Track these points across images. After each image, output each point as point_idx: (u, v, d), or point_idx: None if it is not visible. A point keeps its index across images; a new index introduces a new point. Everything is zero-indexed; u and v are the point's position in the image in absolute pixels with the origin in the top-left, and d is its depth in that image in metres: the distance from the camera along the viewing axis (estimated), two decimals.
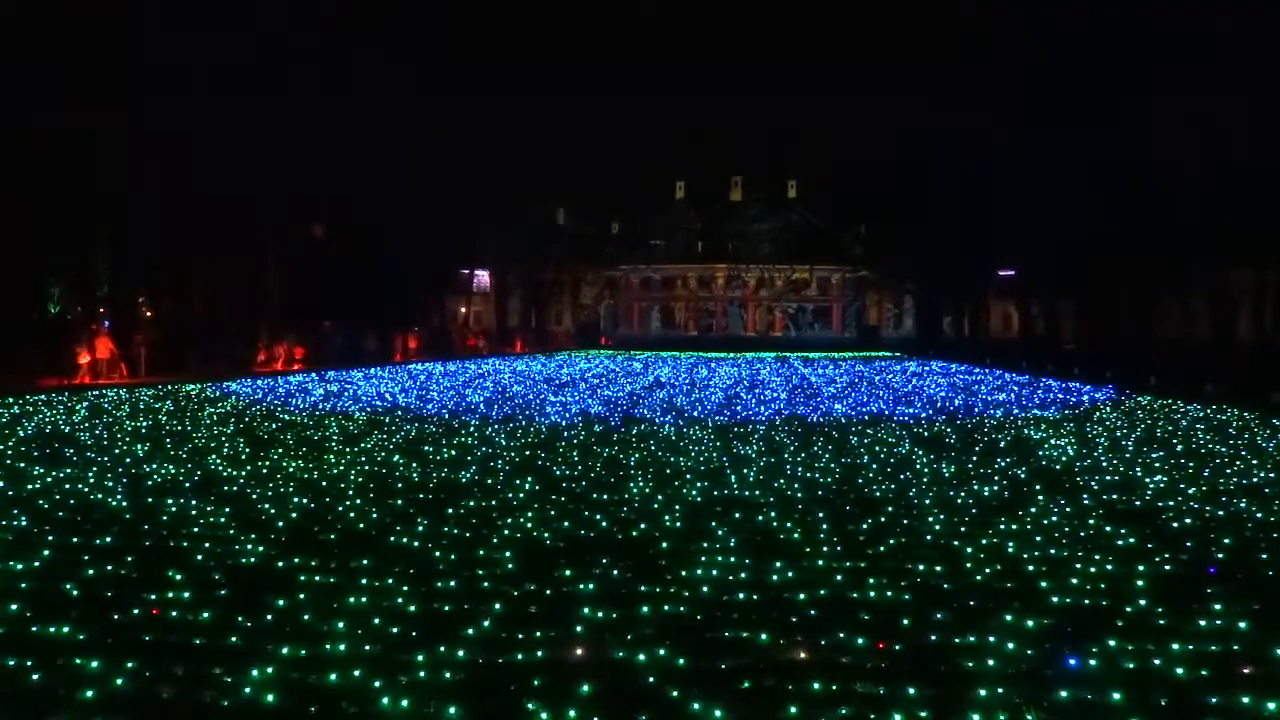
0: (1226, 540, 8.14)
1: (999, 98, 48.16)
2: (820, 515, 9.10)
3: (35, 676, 5.00)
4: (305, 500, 9.73)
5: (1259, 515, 9.21)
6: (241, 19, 38.56)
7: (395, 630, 5.75)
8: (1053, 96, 43.11)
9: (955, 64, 52.85)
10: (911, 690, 4.81)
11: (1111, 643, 5.54)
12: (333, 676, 5.00)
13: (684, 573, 7.07)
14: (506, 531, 8.38)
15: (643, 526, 8.64)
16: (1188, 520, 8.98)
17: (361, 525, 8.64)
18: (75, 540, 7.99)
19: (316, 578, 6.90)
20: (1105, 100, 40.79)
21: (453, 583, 6.76)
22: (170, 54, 36.53)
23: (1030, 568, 7.25)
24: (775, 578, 6.95)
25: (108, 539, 8.04)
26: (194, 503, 9.55)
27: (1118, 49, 40.22)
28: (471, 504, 9.60)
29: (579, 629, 5.80)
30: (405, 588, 6.61)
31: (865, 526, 8.65)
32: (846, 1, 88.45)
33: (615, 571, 7.08)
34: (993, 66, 48.85)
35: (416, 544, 7.90)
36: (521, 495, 10.09)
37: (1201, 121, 38.03)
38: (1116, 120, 40.25)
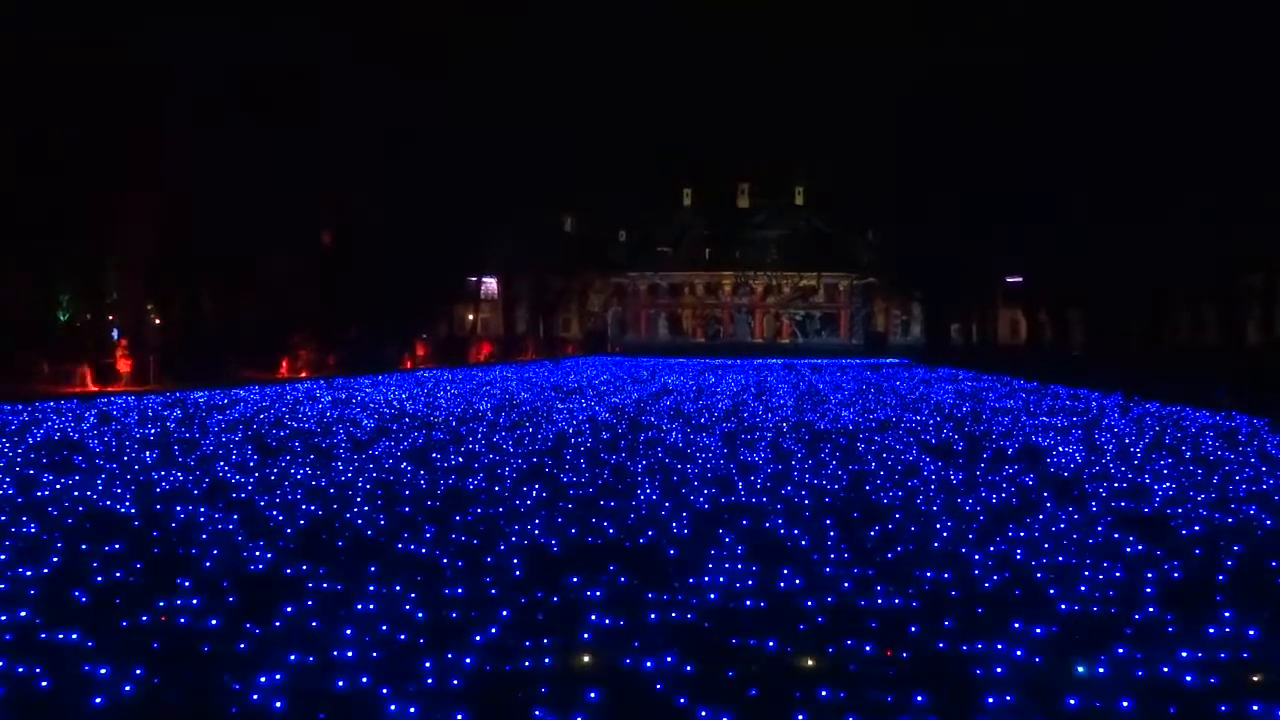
0: (1236, 547, 8.11)
1: (1002, 98, 48.04)
2: (828, 522, 9.09)
3: (44, 683, 5.02)
4: (313, 507, 9.76)
5: (1269, 522, 9.18)
6: (249, 26, 38.72)
7: (403, 637, 5.75)
8: (1057, 96, 43.02)
9: (958, 63, 52.73)
10: (920, 698, 4.80)
11: (1120, 650, 5.52)
12: (341, 683, 5.01)
13: (691, 580, 7.07)
14: (514, 539, 8.39)
15: (650, 533, 8.64)
16: (1197, 527, 8.95)
17: (370, 532, 8.66)
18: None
19: (325, 584, 6.91)
20: (1110, 99, 40.69)
21: (460, 589, 6.77)
22: (178, 60, 36.66)
23: (1039, 575, 7.24)
24: (783, 585, 6.95)
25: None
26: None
27: (1120, 47, 40.11)
28: (479, 511, 9.61)
29: (587, 636, 5.80)
30: (413, 594, 6.62)
31: (873, 534, 8.64)
32: (848, 3, 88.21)
33: (623, 579, 7.08)
34: (996, 66, 48.76)
35: (424, 551, 7.91)
36: (529, 502, 10.10)
37: (1209, 122, 37.90)
38: (1122, 120, 40.12)
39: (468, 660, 5.34)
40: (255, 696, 4.83)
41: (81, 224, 38.38)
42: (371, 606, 6.35)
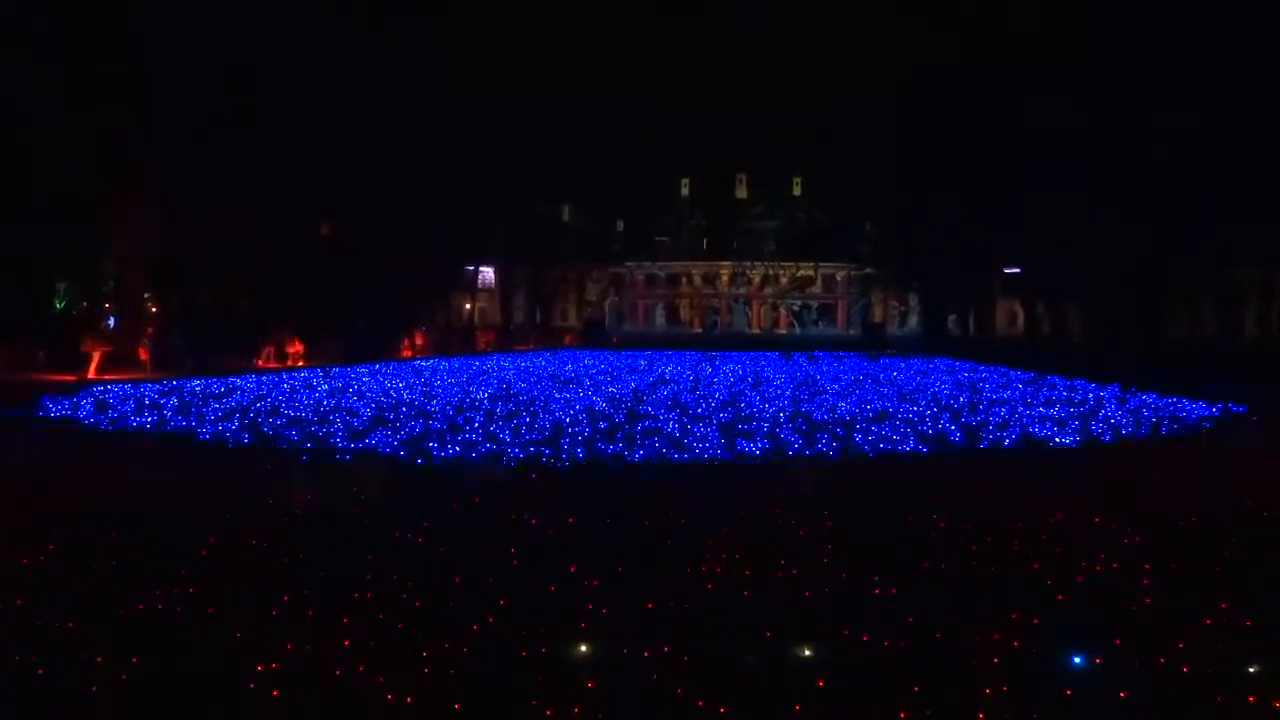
0: (1235, 539, 8.12)
1: (1003, 97, 48.00)
2: (825, 513, 9.08)
3: (40, 672, 5.01)
4: (310, 495, 9.75)
5: (1266, 514, 9.18)
6: (249, 18, 38.70)
7: (402, 626, 5.75)
8: (1058, 95, 43.00)
9: (957, 63, 52.69)
10: (918, 688, 4.80)
11: (1119, 643, 5.52)
12: (338, 672, 5.00)
13: (690, 570, 7.07)
14: (513, 528, 8.38)
15: (648, 523, 8.64)
16: (1195, 519, 8.95)
17: (367, 522, 8.65)
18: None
19: (322, 573, 6.90)
20: (1111, 99, 40.68)
21: (459, 579, 6.76)
22: (177, 50, 36.65)
23: (1037, 566, 7.24)
24: (781, 575, 6.94)
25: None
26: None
27: (1123, 46, 40.09)
28: (478, 500, 9.60)
29: (585, 626, 5.79)
30: (411, 584, 6.61)
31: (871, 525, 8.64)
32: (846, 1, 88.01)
33: (622, 568, 7.08)
34: (995, 65, 48.73)
35: (423, 540, 7.90)
36: (528, 492, 10.09)
37: (1209, 119, 37.91)
38: (1123, 118, 40.13)
39: (465, 649, 5.33)
40: (252, 685, 4.83)
41: (81, 221, 38.44)
42: (369, 595, 6.34)
